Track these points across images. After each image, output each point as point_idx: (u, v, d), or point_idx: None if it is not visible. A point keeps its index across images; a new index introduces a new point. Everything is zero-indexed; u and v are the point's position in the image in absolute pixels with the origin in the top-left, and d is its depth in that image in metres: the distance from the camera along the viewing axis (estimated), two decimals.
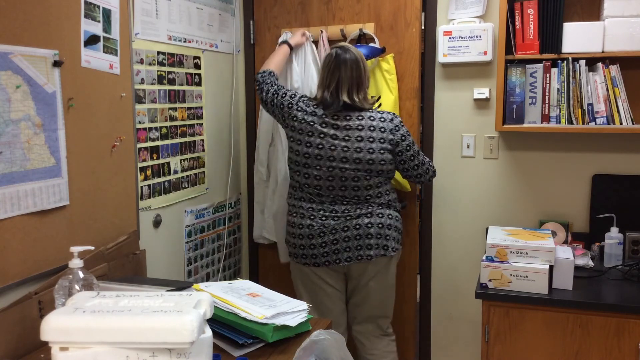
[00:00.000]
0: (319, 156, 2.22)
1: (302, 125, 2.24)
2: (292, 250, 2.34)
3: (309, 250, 2.26)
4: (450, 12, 2.62)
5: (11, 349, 1.53)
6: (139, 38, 2.17)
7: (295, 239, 2.29)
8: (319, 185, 2.24)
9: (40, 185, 1.67)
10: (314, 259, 2.27)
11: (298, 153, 2.25)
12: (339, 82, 2.22)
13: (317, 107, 2.26)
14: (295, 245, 2.30)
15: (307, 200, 2.28)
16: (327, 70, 2.25)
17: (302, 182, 2.27)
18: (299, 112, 2.26)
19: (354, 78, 2.23)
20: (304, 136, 2.24)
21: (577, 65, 2.30)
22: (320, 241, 2.24)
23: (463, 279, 2.76)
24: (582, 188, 2.55)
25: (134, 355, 1.17)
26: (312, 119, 2.24)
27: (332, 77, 2.23)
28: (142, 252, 2.12)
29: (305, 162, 2.24)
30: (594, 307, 2.02)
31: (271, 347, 1.54)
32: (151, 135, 2.27)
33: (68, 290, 1.47)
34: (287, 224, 2.35)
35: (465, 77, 2.65)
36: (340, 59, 2.23)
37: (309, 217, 2.26)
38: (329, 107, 2.23)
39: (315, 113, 2.25)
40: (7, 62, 1.55)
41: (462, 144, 2.69)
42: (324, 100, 2.24)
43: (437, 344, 2.85)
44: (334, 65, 2.23)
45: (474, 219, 2.72)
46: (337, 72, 2.22)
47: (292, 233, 2.31)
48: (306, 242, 2.26)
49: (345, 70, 2.22)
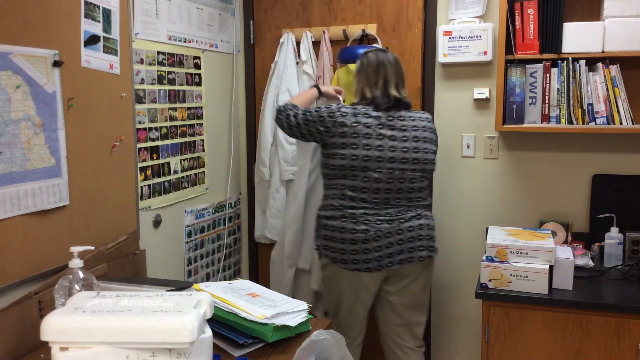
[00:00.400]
0: (380, 158, 2.16)
1: (356, 129, 2.16)
2: (338, 257, 2.21)
3: (362, 255, 2.17)
4: (450, 12, 2.62)
5: (11, 349, 1.53)
6: (139, 38, 2.17)
7: (345, 245, 2.18)
8: (377, 188, 2.18)
9: (40, 185, 1.67)
10: (367, 264, 2.18)
11: (355, 157, 2.15)
12: (386, 79, 2.23)
13: (368, 109, 2.21)
14: (345, 251, 2.19)
15: (360, 205, 2.19)
16: (370, 69, 2.24)
17: (359, 186, 2.18)
18: (346, 118, 2.17)
19: (398, 75, 2.26)
20: (360, 139, 2.16)
21: (577, 65, 2.30)
22: (375, 245, 2.17)
23: (463, 279, 2.76)
24: (582, 188, 2.55)
25: (134, 355, 1.17)
26: (367, 121, 2.17)
27: (377, 75, 2.23)
28: (142, 252, 2.12)
29: (365, 165, 2.16)
30: (594, 307, 2.02)
31: (271, 347, 1.54)
32: (151, 135, 2.27)
33: (68, 290, 1.47)
34: (333, 230, 2.21)
35: (465, 77, 2.65)
36: (382, 57, 2.25)
37: (364, 222, 2.17)
38: (380, 105, 2.21)
39: (369, 115, 2.19)
40: (7, 62, 1.55)
41: (462, 144, 2.69)
42: (375, 98, 2.22)
43: (437, 344, 2.85)
44: (377, 64, 2.23)
45: (474, 219, 2.72)
46: (381, 69, 2.23)
47: (341, 239, 2.19)
48: (360, 247, 2.17)
49: (390, 67, 2.23)
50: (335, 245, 2.21)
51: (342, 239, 2.19)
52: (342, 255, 2.20)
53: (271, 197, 2.83)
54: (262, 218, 2.97)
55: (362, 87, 2.27)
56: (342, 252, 2.20)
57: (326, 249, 2.25)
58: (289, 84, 2.76)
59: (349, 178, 2.18)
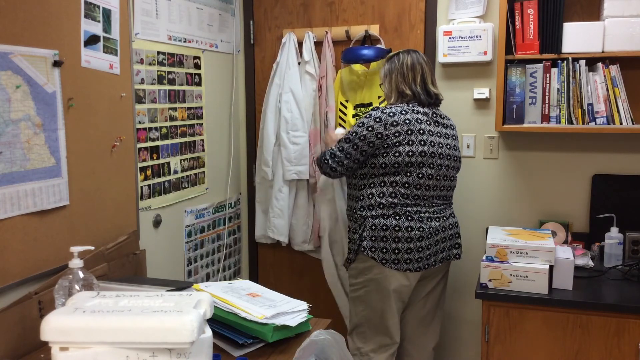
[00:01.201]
0: (433, 154, 2.15)
1: (410, 126, 2.12)
2: (390, 257, 2.12)
3: (416, 253, 2.13)
4: (450, 12, 2.62)
5: (11, 349, 1.53)
6: (139, 38, 2.17)
7: (400, 243, 2.12)
8: (429, 185, 2.16)
9: (40, 185, 1.67)
10: (418, 263, 2.15)
11: (412, 153, 2.10)
12: (423, 75, 2.22)
13: (414, 105, 2.19)
14: (400, 251, 2.12)
15: (413, 202, 2.15)
16: (404, 67, 2.22)
17: (413, 183, 2.13)
18: (395, 117, 2.12)
19: (432, 72, 2.27)
20: (415, 135, 2.12)
21: (577, 65, 2.30)
22: (427, 243, 2.15)
23: (463, 279, 2.76)
24: (582, 188, 2.55)
25: (134, 355, 1.17)
26: (418, 117, 2.15)
27: (414, 72, 2.21)
28: (142, 252, 2.12)
29: (421, 161, 2.12)
30: (594, 307, 2.02)
31: (271, 347, 1.54)
32: (151, 135, 2.27)
33: (68, 290, 1.47)
34: (384, 229, 2.12)
35: (465, 77, 2.65)
36: (414, 56, 2.24)
37: (418, 219, 2.14)
38: (423, 102, 2.20)
39: (418, 110, 2.17)
40: (7, 62, 1.55)
41: (462, 144, 2.69)
42: (416, 94, 2.20)
43: (437, 344, 2.85)
44: (411, 63, 2.22)
45: (474, 219, 2.72)
46: (417, 66, 2.22)
47: (395, 237, 2.12)
48: (415, 245, 2.13)
49: (425, 63, 2.24)
50: (387, 245, 2.13)
51: (397, 237, 2.12)
52: (396, 255, 2.13)
53: (274, 197, 2.83)
54: (263, 218, 2.97)
55: (398, 85, 2.23)
56: (395, 251, 2.12)
57: (374, 250, 2.14)
58: (291, 84, 2.76)
59: (402, 174, 2.13)
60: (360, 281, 2.21)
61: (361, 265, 2.19)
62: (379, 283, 2.17)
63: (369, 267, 2.17)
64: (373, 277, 2.17)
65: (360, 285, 2.22)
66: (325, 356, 1.51)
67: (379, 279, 2.16)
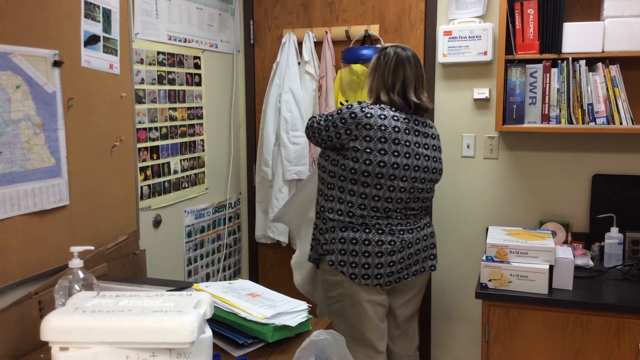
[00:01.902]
0: (407, 166, 2.01)
1: (383, 133, 1.98)
2: (360, 272, 2.03)
3: (387, 268, 2.04)
4: (450, 12, 2.62)
5: (11, 349, 1.53)
6: (139, 38, 2.17)
7: (370, 258, 2.02)
8: (400, 198, 2.04)
9: (40, 185, 1.67)
10: (389, 277, 2.06)
11: (383, 164, 1.97)
12: (405, 82, 2.06)
13: (395, 111, 2.04)
14: (370, 265, 2.03)
15: (384, 215, 2.04)
16: (387, 70, 2.07)
17: (383, 196, 2.01)
18: (371, 119, 1.98)
19: (418, 76, 2.09)
20: (388, 145, 1.98)
21: (577, 65, 2.30)
22: (399, 257, 2.05)
23: (463, 279, 2.76)
24: (582, 188, 2.55)
25: (134, 355, 1.17)
26: (397, 125, 2.00)
27: (395, 77, 2.06)
28: (142, 252, 2.12)
29: (393, 173, 1.99)
30: (594, 307, 2.02)
31: (271, 347, 1.54)
32: (151, 135, 2.27)
33: (68, 290, 1.47)
34: (354, 243, 2.04)
35: (465, 77, 2.65)
36: (402, 56, 2.07)
37: (389, 232, 2.04)
38: (402, 110, 2.06)
39: (398, 118, 2.02)
40: (7, 62, 1.55)
41: (462, 144, 2.69)
42: (393, 103, 2.06)
43: (437, 344, 2.85)
44: (395, 64, 2.06)
45: (474, 219, 2.72)
46: (400, 70, 2.05)
47: (365, 252, 2.02)
48: (386, 259, 2.03)
49: (409, 68, 2.06)
50: (356, 259, 2.03)
51: (366, 252, 2.02)
52: (365, 270, 2.03)
53: (274, 197, 2.84)
54: (263, 218, 2.97)
55: (377, 88, 2.10)
56: (365, 266, 2.03)
57: (342, 265, 2.05)
58: (291, 84, 2.77)
59: (372, 186, 2.01)
60: (333, 295, 2.13)
61: (332, 278, 2.11)
62: (351, 297, 2.08)
63: (340, 282, 2.09)
64: (344, 291, 2.09)
65: (335, 300, 2.14)
66: (325, 356, 1.51)
67: (351, 294, 2.07)
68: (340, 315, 2.13)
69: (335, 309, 2.15)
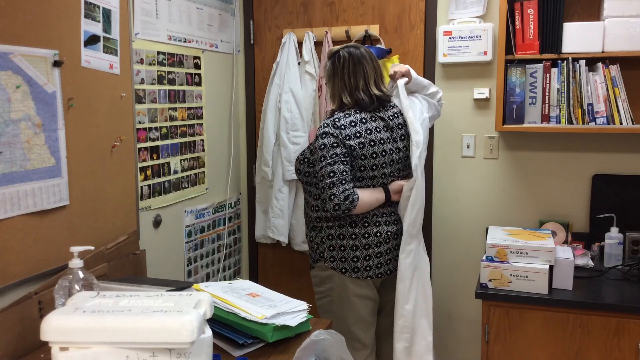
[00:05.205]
0: (384, 164, 2.09)
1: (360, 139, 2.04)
2: (350, 265, 2.09)
3: (375, 259, 2.09)
4: (450, 12, 2.62)
5: (11, 349, 1.53)
6: (139, 38, 2.17)
7: (358, 251, 2.08)
8: None
9: (40, 185, 1.67)
10: (378, 269, 2.10)
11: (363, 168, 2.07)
12: (366, 78, 2.09)
13: (361, 114, 2.08)
14: (358, 259, 2.08)
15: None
16: (346, 71, 2.09)
17: None
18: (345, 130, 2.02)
19: (376, 70, 2.13)
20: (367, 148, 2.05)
21: (577, 65, 2.30)
22: (385, 248, 2.11)
23: (463, 279, 2.76)
24: (582, 188, 2.55)
25: (134, 355, 1.17)
26: (376, 125, 2.08)
27: (356, 76, 2.09)
28: (142, 252, 2.12)
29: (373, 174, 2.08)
30: (594, 307, 2.02)
31: (271, 347, 1.54)
32: (151, 135, 2.27)
33: (68, 290, 1.47)
34: (341, 238, 2.09)
35: (465, 77, 2.65)
36: (357, 55, 2.10)
37: (375, 224, 2.09)
38: (367, 107, 2.10)
39: (366, 119, 2.07)
40: (7, 62, 1.55)
41: (462, 144, 2.69)
42: (360, 101, 2.09)
43: (437, 344, 2.85)
44: (353, 64, 2.09)
45: (474, 219, 2.72)
46: (359, 68, 2.09)
47: (353, 245, 2.08)
48: (373, 250, 2.08)
49: (367, 64, 2.10)
50: (345, 253, 2.09)
51: (354, 245, 2.08)
52: (355, 264, 2.09)
53: (274, 197, 2.84)
54: (263, 218, 2.97)
55: (339, 92, 2.12)
56: (354, 259, 2.09)
57: (332, 260, 2.11)
58: (291, 84, 2.77)
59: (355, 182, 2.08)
60: (322, 290, 2.18)
61: (322, 273, 2.16)
62: (340, 292, 2.12)
63: (330, 276, 2.13)
64: (334, 286, 2.13)
65: (323, 295, 2.18)
66: (326, 356, 1.51)
67: (340, 288, 2.12)
68: (327, 310, 2.18)
69: (323, 304, 2.19)
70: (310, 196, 2.18)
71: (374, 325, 2.21)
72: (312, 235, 2.20)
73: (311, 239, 2.21)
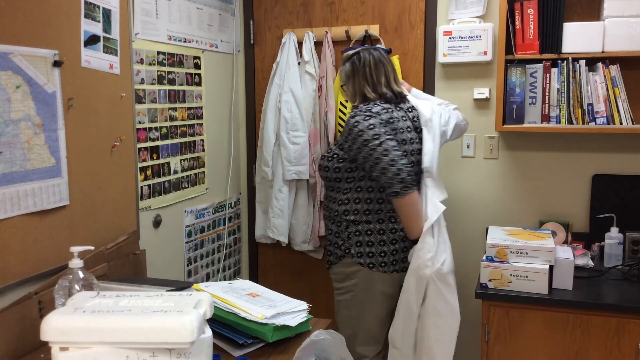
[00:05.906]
0: (405, 152, 2.10)
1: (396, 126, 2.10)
2: (377, 260, 2.12)
3: (401, 254, 2.14)
4: (450, 12, 2.62)
5: (11, 349, 1.53)
6: (139, 38, 2.17)
7: (385, 246, 2.12)
8: None
9: (40, 185, 1.67)
10: (404, 263, 2.14)
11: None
12: (387, 75, 2.17)
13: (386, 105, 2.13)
14: (386, 253, 2.12)
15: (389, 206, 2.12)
16: (368, 69, 2.15)
17: None
18: (388, 114, 2.09)
19: (394, 69, 2.22)
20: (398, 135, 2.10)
21: (577, 65, 2.30)
22: (408, 243, 2.15)
23: (463, 279, 2.76)
24: (582, 188, 2.55)
25: (134, 355, 1.17)
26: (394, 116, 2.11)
27: (377, 73, 2.15)
28: (142, 252, 2.12)
29: None
30: (594, 307, 2.02)
31: (271, 347, 1.54)
32: (151, 135, 2.27)
33: (68, 290, 1.47)
34: (369, 234, 2.12)
35: (465, 77, 2.65)
36: (377, 55, 2.17)
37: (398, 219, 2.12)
38: (390, 101, 2.16)
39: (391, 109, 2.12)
40: (7, 62, 1.55)
41: (462, 144, 2.69)
42: (383, 95, 2.15)
43: None
44: (374, 63, 2.16)
45: (474, 219, 2.72)
46: (380, 67, 2.16)
47: (380, 241, 2.12)
48: (400, 245, 2.13)
49: (387, 64, 2.18)
50: (373, 249, 2.12)
51: (382, 241, 2.12)
52: (382, 258, 2.12)
53: (274, 197, 2.83)
54: (263, 218, 2.97)
55: (361, 88, 2.17)
56: (382, 254, 2.12)
57: (360, 256, 2.13)
58: (291, 84, 2.77)
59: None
60: (345, 285, 2.19)
61: (347, 269, 2.17)
62: (365, 287, 2.15)
63: (356, 272, 2.15)
64: (359, 281, 2.15)
65: (345, 290, 2.19)
66: (326, 356, 1.51)
67: (366, 283, 2.14)
68: (347, 305, 2.19)
69: (344, 299, 2.20)
70: (339, 192, 2.17)
71: (389, 325, 2.22)
72: (337, 231, 2.18)
73: (337, 234, 2.19)
